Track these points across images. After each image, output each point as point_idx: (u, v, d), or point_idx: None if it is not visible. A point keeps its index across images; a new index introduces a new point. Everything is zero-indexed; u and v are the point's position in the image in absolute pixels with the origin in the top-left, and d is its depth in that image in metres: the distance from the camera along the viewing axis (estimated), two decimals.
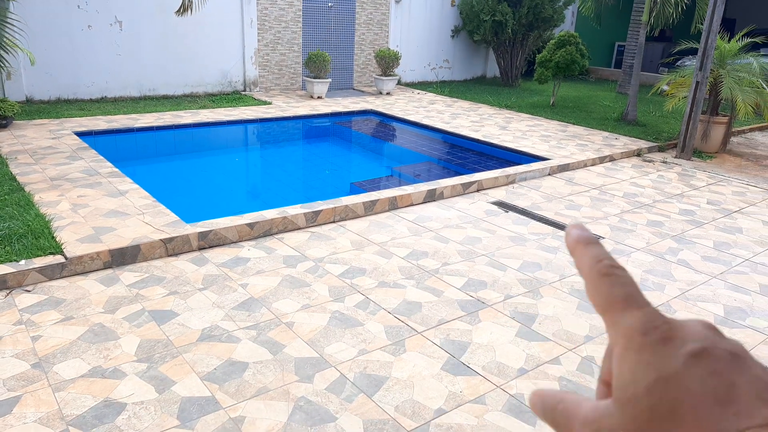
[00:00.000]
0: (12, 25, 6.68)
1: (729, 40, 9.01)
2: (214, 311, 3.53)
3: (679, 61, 12.57)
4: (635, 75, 9.43)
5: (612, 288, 0.35)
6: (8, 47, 6.65)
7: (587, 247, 0.37)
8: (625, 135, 8.70)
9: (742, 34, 9.27)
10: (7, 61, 6.89)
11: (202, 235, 4.33)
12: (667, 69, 12.99)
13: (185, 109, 8.74)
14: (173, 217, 4.57)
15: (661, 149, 8.31)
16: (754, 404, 0.29)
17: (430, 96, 11.38)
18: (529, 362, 3.24)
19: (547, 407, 0.36)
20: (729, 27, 14.59)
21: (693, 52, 8.58)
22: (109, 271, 3.92)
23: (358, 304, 3.73)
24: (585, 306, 3.87)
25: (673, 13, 8.77)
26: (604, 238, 5.06)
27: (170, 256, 4.20)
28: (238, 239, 4.51)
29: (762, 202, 6.32)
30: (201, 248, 4.34)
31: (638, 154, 8.00)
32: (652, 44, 14.90)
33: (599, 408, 0.33)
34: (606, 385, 0.37)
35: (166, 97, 9.55)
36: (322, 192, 6.20)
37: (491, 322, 3.61)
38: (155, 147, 7.73)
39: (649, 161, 7.71)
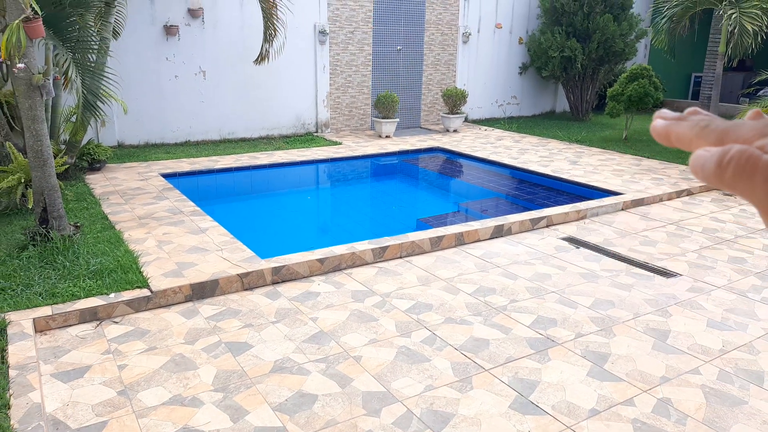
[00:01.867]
0: (108, 78, 7.32)
1: None
2: (286, 344, 3.66)
3: (762, 91, 12.00)
4: (713, 106, 9.10)
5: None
6: (104, 98, 7.28)
7: (675, 131, 0.42)
8: None
9: None
10: (102, 110, 7.53)
11: (276, 270, 4.52)
12: (748, 99, 12.42)
13: (261, 150, 9.19)
14: (249, 252, 4.80)
15: None
16: None
17: (497, 132, 11.40)
18: (601, 403, 3.14)
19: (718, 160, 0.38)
20: None
21: None
22: (189, 304, 4.15)
23: (425, 339, 3.75)
24: (660, 346, 3.73)
25: (752, 43, 8.45)
26: (682, 274, 4.85)
27: (246, 290, 4.40)
28: (309, 274, 4.66)
29: None
30: (274, 282, 4.52)
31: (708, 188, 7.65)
32: (732, 74, 14.32)
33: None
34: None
35: (243, 140, 10.08)
36: (390, 228, 6.31)
37: (561, 361, 3.54)
38: (233, 187, 8.16)
39: (730, 195, 7.36)
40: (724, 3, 8.59)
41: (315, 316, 4.02)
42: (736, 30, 8.37)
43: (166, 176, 7.44)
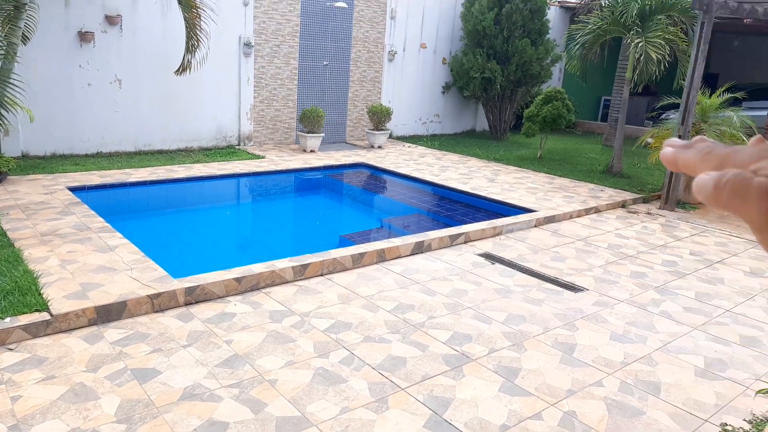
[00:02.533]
0: (14, 85, 6.89)
1: (710, 95, 9.31)
2: (197, 369, 3.54)
3: (664, 115, 12.91)
4: (620, 128, 9.68)
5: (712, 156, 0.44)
6: (9, 106, 6.84)
7: (681, 157, 0.46)
8: (611, 187, 8.87)
9: (723, 89, 9.58)
10: (6, 119, 7.06)
11: (189, 291, 4.37)
12: (652, 122, 13.32)
13: (179, 163, 8.90)
14: (161, 272, 4.62)
15: (645, 201, 8.46)
16: None
17: (420, 149, 11.61)
18: (511, 418, 3.24)
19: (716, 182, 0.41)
20: (712, 82, 15.03)
21: (676, 106, 8.84)
22: (93, 329, 3.93)
23: (343, 359, 3.74)
24: (567, 359, 3.89)
25: (656, 70, 9.08)
26: (588, 289, 5.11)
27: (156, 312, 4.23)
28: (225, 294, 4.54)
29: (743, 252, 6.41)
30: (187, 303, 4.37)
31: (623, 205, 8.13)
32: (637, 98, 15.31)
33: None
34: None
35: (161, 152, 9.73)
36: (312, 245, 6.27)
37: (475, 377, 3.62)
38: (148, 201, 7.84)
39: (634, 212, 7.84)
40: (631, 32, 9.19)
41: (230, 338, 3.91)
42: (641, 58, 8.96)
43: (73, 190, 7.05)
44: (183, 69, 8.09)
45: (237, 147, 10.57)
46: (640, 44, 8.89)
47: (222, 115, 10.42)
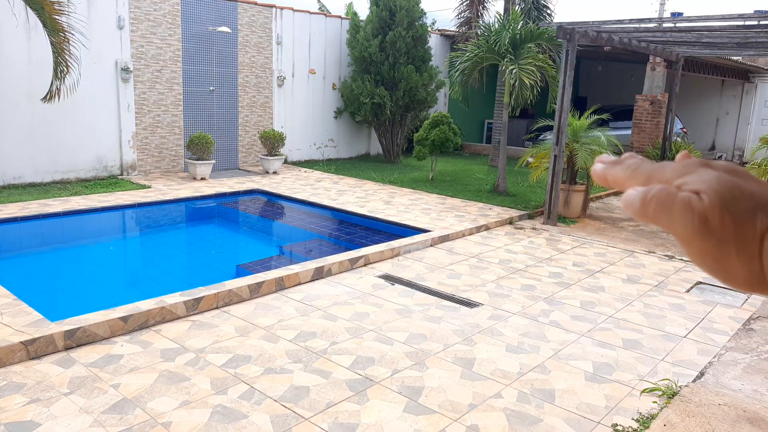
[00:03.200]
0: None
1: (580, 117, 10.13)
2: (82, 417, 3.24)
3: (541, 136, 13.86)
4: (502, 150, 10.26)
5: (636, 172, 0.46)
6: None
7: (611, 173, 0.48)
8: (498, 205, 9.33)
9: (590, 111, 10.47)
10: None
11: (69, 334, 4.02)
12: (531, 143, 14.24)
13: (54, 196, 8.25)
14: (36, 315, 4.22)
15: (530, 217, 8.98)
16: None
17: (317, 174, 11.60)
18: None
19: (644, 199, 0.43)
20: (581, 105, 16.40)
21: (551, 128, 9.52)
22: None
23: (243, 394, 3.59)
24: (467, 374, 4.00)
25: (530, 94, 9.74)
26: (483, 304, 5.30)
27: (32, 359, 3.84)
28: (111, 335, 4.23)
29: (620, 261, 6.97)
30: (68, 348, 4.01)
31: (510, 222, 8.58)
32: (517, 121, 16.33)
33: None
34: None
35: (32, 185, 8.97)
36: (207, 277, 6.01)
37: (379, 400, 3.61)
38: (19, 240, 7.17)
39: (521, 228, 8.30)
40: (505, 60, 9.81)
41: (117, 382, 3.63)
42: (516, 83, 9.58)
43: None
44: (51, 96, 7.53)
45: (120, 177, 9.98)
46: (514, 71, 9.51)
47: (101, 144, 9.82)
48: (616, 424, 3.49)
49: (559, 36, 8.48)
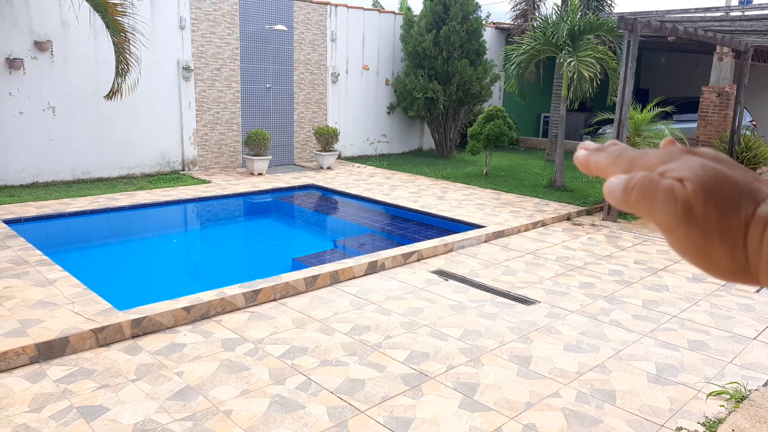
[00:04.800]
0: None
1: (642, 110, 9.78)
2: (148, 403, 3.38)
3: (600, 130, 13.46)
4: (560, 144, 10.02)
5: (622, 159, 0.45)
6: None
7: (593, 160, 0.47)
8: (555, 200, 9.13)
9: (653, 104, 10.09)
10: None
11: (136, 323, 4.20)
12: (590, 137, 13.86)
13: (121, 191, 8.61)
14: (105, 304, 4.42)
15: (589, 213, 8.75)
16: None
17: (369, 169, 11.66)
18: None
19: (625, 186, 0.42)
20: (643, 97, 15.84)
21: (611, 121, 9.24)
22: (35, 367, 3.71)
23: (300, 385, 3.66)
24: (524, 372, 3.94)
25: (589, 87, 9.47)
26: (540, 301, 5.20)
27: (101, 346, 4.04)
28: (174, 324, 4.39)
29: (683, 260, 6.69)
30: (134, 336, 4.19)
31: (568, 218, 8.38)
32: (575, 115, 15.92)
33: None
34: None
35: (101, 180, 9.40)
36: (264, 270, 6.15)
37: (434, 395, 3.61)
38: (88, 232, 7.53)
39: (579, 225, 8.09)
40: (563, 52, 9.57)
41: (180, 370, 3.77)
42: (575, 76, 9.33)
43: (8, 222, 6.70)
44: (113, 94, 7.86)
45: (182, 172, 10.33)
46: (573, 63, 9.26)
47: (164, 141, 10.18)
48: (681, 428, 3.37)
49: (620, 27, 8.20)
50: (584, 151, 0.48)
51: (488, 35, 14.91)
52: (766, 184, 0.41)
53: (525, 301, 5.23)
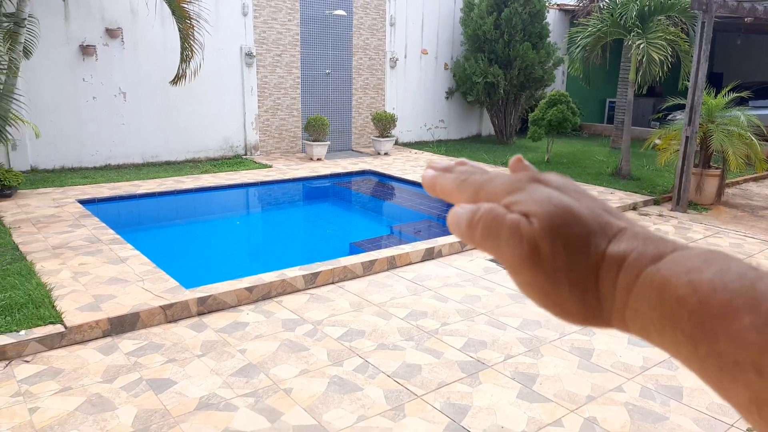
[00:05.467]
0: (17, 100, 6.91)
1: (716, 95, 9.28)
2: (212, 378, 3.51)
3: (670, 116, 12.87)
4: (626, 130, 9.65)
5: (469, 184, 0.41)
6: (12, 121, 6.85)
7: (440, 183, 0.42)
8: (620, 189, 8.82)
9: (728, 89, 9.55)
10: (10, 134, 7.08)
11: (201, 301, 4.35)
12: (658, 123, 13.28)
13: (187, 174, 8.92)
14: (173, 282, 4.60)
15: (656, 203, 8.41)
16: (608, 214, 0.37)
17: (427, 155, 11.60)
18: (531, 425, 3.20)
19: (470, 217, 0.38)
20: (716, 81, 15.01)
21: (682, 107, 8.81)
22: (108, 340, 3.92)
23: (357, 367, 3.71)
24: (586, 365, 3.85)
25: (659, 71, 9.05)
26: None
27: (169, 322, 4.21)
28: (237, 303, 4.52)
29: (759, 253, 6.35)
30: (200, 314, 4.35)
31: (634, 207, 8.09)
32: (643, 100, 15.29)
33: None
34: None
35: (168, 163, 9.75)
36: (322, 253, 6.25)
37: (492, 384, 3.58)
38: (157, 212, 7.84)
39: (646, 215, 7.79)
40: (632, 34, 9.17)
41: (243, 347, 3.89)
42: (644, 59, 8.93)
43: (83, 202, 7.06)
44: (177, 79, 8.11)
45: (244, 157, 10.58)
46: (642, 45, 8.87)
47: (227, 126, 10.44)
48: (751, 428, 3.20)
49: (693, 7, 7.79)
50: (432, 171, 0.43)
51: (551, 17, 14.47)
52: (616, 216, 0.37)
53: None
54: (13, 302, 4.10)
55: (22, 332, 3.75)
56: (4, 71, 6.58)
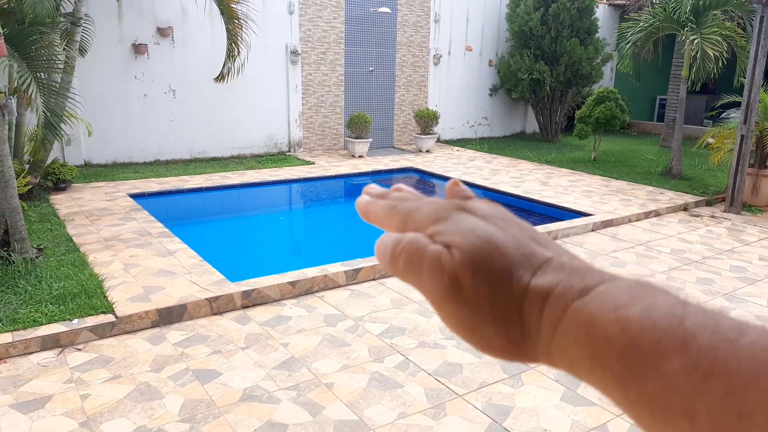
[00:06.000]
0: (72, 98, 7.17)
1: None
2: (256, 371, 3.57)
3: (724, 114, 12.38)
4: (678, 128, 9.34)
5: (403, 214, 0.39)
6: (68, 118, 7.12)
7: (372, 210, 0.41)
8: (671, 189, 8.55)
9: None
10: (65, 130, 7.35)
11: (246, 294, 4.43)
12: (711, 122, 12.81)
13: (232, 170, 9.09)
14: (219, 276, 4.70)
15: (708, 203, 8.12)
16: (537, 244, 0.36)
17: (469, 153, 11.50)
18: (575, 429, 3.13)
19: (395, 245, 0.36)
20: None
21: (737, 104, 8.47)
22: (156, 330, 4.03)
23: (398, 365, 3.70)
24: None
25: (713, 67, 8.72)
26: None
27: (215, 314, 4.30)
28: (280, 297, 4.58)
29: None
30: (244, 307, 4.43)
31: (685, 208, 7.83)
32: (695, 97, 14.77)
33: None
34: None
35: (214, 159, 9.96)
36: (363, 249, 6.26)
37: (535, 385, 3.52)
38: (203, 207, 8.03)
39: (697, 216, 7.53)
40: (686, 29, 8.86)
41: (286, 341, 3.94)
42: (698, 55, 8.62)
43: (133, 196, 7.29)
44: (222, 77, 8.26)
45: (288, 153, 10.72)
46: (696, 41, 8.56)
47: (272, 123, 10.59)
48: None
49: (751, 1, 7.46)
50: (366, 197, 0.42)
51: (600, 12, 14.12)
52: (543, 245, 0.35)
53: None
54: (67, 292, 4.26)
55: (75, 321, 3.89)
56: (61, 69, 6.84)
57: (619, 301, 0.30)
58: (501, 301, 0.33)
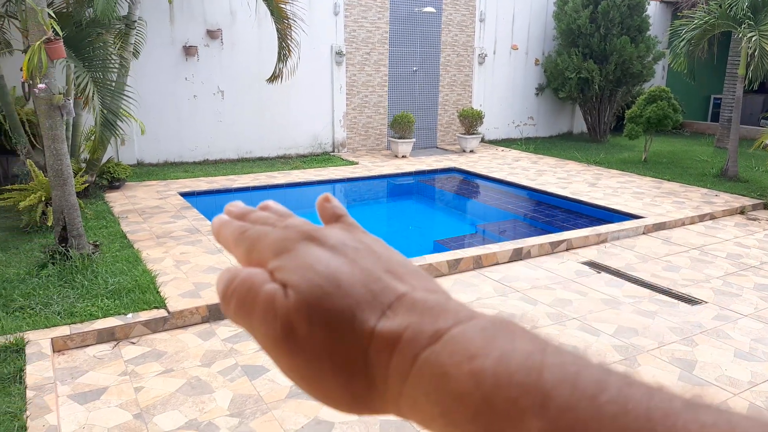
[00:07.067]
0: (128, 97, 7.40)
1: None
2: None
3: None
4: (734, 129, 8.99)
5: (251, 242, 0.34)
6: (123, 117, 7.35)
7: (223, 232, 0.36)
8: (726, 192, 8.23)
9: None
10: (122, 129, 7.60)
11: None
12: None
13: (278, 170, 9.22)
14: None
15: (766, 207, 7.78)
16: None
17: (514, 153, 11.35)
18: None
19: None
20: None
21: None
22: (206, 326, 4.12)
23: None
24: (687, 376, 3.62)
25: None
26: (707, 301, 4.73)
27: None
28: None
29: None
30: None
31: (742, 211, 7.52)
32: (752, 96, 14.18)
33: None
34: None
35: (261, 159, 10.13)
36: (407, 250, 6.26)
37: None
38: (251, 206, 8.16)
39: (754, 219, 7.23)
40: (743, 26, 8.52)
41: None
42: (755, 53, 8.28)
43: (184, 195, 7.48)
44: (274, 78, 8.37)
45: (332, 153, 10.81)
46: (754, 38, 8.23)
47: (317, 123, 10.69)
48: None
49: None
50: (223, 216, 0.37)
51: (652, 9, 13.71)
52: (399, 277, 0.31)
53: (689, 300, 4.79)
54: (122, 287, 4.40)
55: (130, 315, 4.01)
56: (116, 70, 7.07)
57: (473, 348, 0.26)
58: (341, 349, 0.29)
